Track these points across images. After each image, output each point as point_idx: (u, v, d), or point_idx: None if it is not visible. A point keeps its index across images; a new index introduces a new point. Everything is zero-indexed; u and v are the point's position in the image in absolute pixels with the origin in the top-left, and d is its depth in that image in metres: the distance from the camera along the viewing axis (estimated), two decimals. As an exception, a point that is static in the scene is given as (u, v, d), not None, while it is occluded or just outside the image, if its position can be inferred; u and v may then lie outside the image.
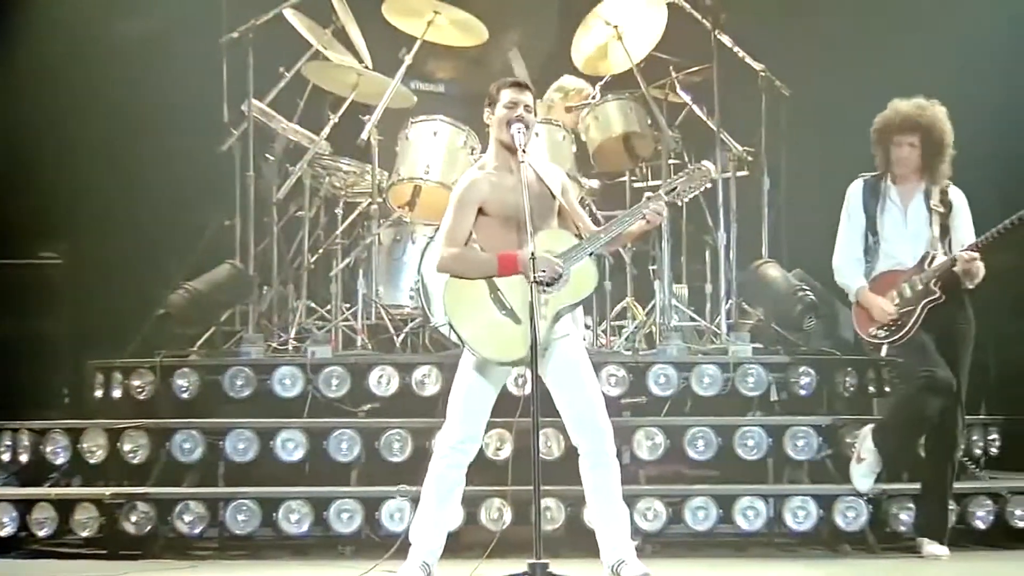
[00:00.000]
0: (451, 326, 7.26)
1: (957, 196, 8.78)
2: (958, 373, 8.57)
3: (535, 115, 7.50)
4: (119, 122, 11.33)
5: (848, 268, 8.83)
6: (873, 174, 8.91)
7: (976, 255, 8.45)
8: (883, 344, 8.69)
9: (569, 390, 7.29)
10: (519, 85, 7.44)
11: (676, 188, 7.45)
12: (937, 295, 8.56)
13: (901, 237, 8.74)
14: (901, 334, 8.60)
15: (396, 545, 7.90)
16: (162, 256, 11.34)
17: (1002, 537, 9.11)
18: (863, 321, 8.76)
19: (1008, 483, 9.53)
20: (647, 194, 7.47)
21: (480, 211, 7.32)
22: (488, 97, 7.45)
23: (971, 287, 8.58)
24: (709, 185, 7.57)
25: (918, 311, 8.58)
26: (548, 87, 11.11)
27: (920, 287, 8.59)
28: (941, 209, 8.71)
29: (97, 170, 11.44)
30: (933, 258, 8.62)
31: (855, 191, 8.91)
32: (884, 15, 11.88)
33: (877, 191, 8.84)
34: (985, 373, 11.58)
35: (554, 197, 7.40)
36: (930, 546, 8.58)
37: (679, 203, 7.74)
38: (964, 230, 8.71)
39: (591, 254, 7.26)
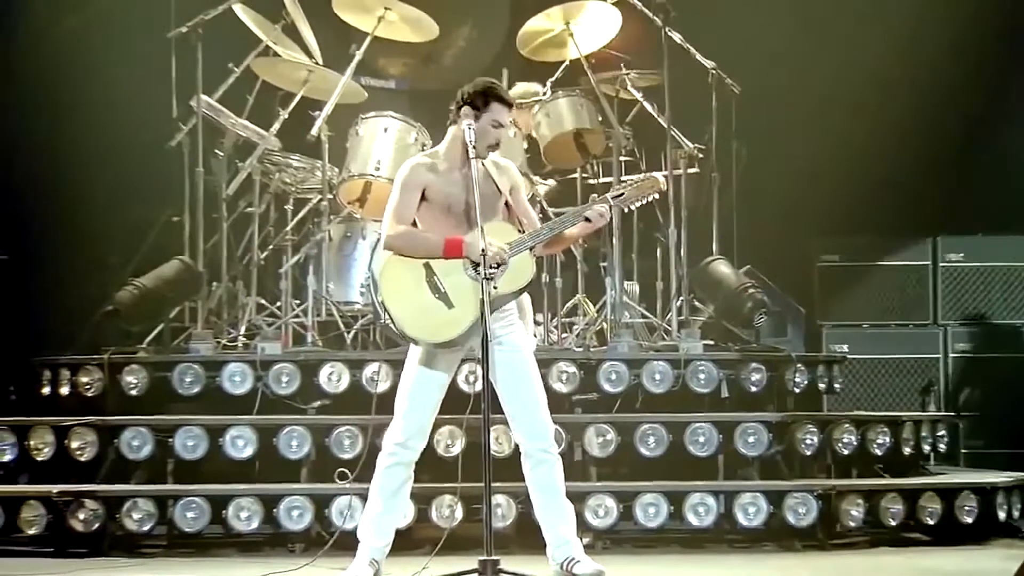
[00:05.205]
0: (383, 305, 7.24)
1: None
2: None
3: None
4: (67, 117, 11.28)
5: None
6: None
7: None
8: None
9: (512, 388, 7.28)
10: (511, 105, 7.41)
11: (623, 195, 7.44)
12: None
13: None
14: None
15: (333, 538, 7.92)
16: (110, 252, 11.27)
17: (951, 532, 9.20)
18: None
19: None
20: (593, 196, 7.47)
21: (423, 196, 7.31)
22: (472, 95, 7.33)
23: None
24: (657, 196, 7.55)
25: None
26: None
27: None
28: None
29: (44, 166, 11.38)
30: None
31: None
32: (833, 11, 12.01)
33: None
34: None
35: (500, 193, 7.39)
36: None
37: (625, 210, 7.71)
38: None
39: (531, 249, 7.26)
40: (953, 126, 12.19)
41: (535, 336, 9.75)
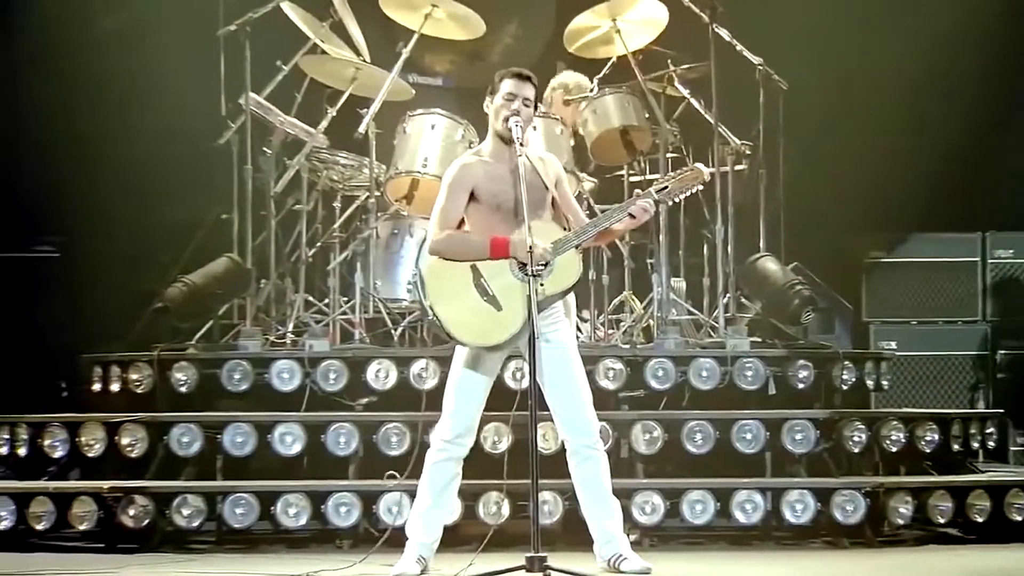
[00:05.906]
0: (431, 308, 7.26)
1: None
2: None
3: (535, 109, 7.51)
4: (116, 115, 11.35)
5: None
6: None
7: None
8: None
9: (558, 385, 7.30)
10: (521, 77, 7.43)
11: (667, 188, 7.45)
12: None
13: None
14: None
15: (385, 535, 7.95)
16: (159, 249, 11.33)
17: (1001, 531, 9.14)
18: None
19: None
20: (637, 191, 7.48)
21: (471, 197, 7.34)
22: (491, 85, 7.46)
23: None
24: (701, 187, 7.56)
25: None
26: (545, 79, 11.08)
27: None
28: None
29: (93, 163, 11.47)
30: None
31: None
32: (879, 5, 11.99)
33: None
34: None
35: (547, 188, 7.41)
36: None
37: (670, 203, 7.73)
38: None
39: (578, 247, 7.27)
40: (1002, 122, 12.13)
41: (580, 332, 9.79)
